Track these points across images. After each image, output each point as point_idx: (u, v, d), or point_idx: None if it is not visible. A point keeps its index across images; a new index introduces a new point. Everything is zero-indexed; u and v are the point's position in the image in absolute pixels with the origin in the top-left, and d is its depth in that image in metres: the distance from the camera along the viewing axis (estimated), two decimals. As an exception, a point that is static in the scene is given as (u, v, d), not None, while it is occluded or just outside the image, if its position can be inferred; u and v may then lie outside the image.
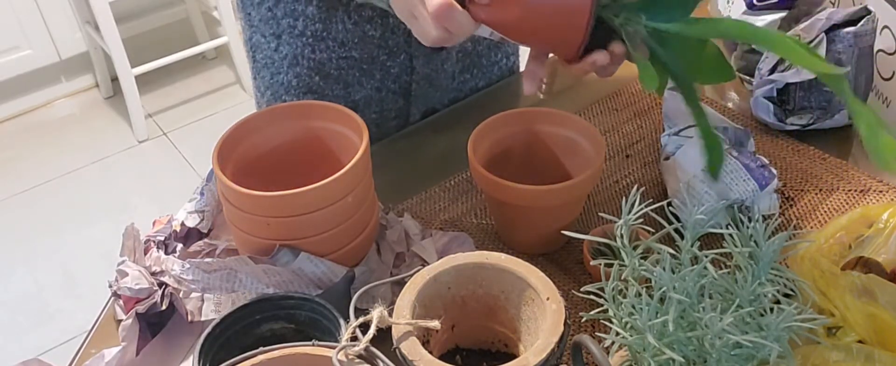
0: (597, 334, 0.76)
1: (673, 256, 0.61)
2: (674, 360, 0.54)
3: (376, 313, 0.62)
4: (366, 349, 0.60)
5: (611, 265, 0.63)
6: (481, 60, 1.09)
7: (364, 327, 0.61)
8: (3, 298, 2.10)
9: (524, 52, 1.15)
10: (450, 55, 1.04)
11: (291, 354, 0.61)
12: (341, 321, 0.67)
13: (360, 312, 0.64)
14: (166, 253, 0.80)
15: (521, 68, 1.17)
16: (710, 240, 0.83)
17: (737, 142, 0.93)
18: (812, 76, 0.94)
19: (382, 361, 0.60)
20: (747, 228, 0.62)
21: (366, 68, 1.01)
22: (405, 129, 1.08)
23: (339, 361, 0.59)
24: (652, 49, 0.69)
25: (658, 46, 0.68)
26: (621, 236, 0.63)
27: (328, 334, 0.69)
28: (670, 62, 0.69)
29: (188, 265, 0.76)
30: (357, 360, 0.60)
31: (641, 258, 0.62)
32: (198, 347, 0.66)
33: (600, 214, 0.79)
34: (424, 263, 0.80)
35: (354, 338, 0.61)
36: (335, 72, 1.01)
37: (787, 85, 0.97)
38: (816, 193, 0.91)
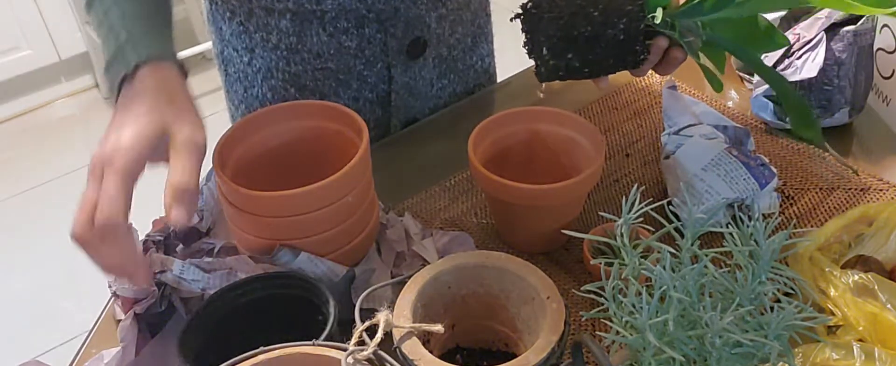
0: (597, 333, 0.76)
1: (673, 254, 0.61)
2: (674, 359, 0.54)
3: (383, 317, 0.62)
4: (374, 353, 0.60)
5: (611, 264, 0.63)
6: (457, 65, 1.08)
7: (370, 331, 0.62)
8: (4, 298, 2.10)
9: (499, 53, 1.16)
10: (427, 62, 1.03)
11: (292, 354, 0.61)
12: (330, 300, 0.67)
13: (364, 312, 0.64)
14: (166, 253, 0.80)
15: (498, 70, 1.17)
16: (710, 239, 0.83)
17: (737, 141, 0.93)
18: (812, 75, 0.94)
19: (390, 364, 0.60)
20: (747, 226, 0.62)
21: (342, 79, 1.00)
22: (403, 130, 1.08)
23: (348, 365, 0.59)
24: (709, 40, 0.74)
25: (714, 35, 0.74)
26: (621, 235, 0.63)
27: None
28: (729, 46, 0.78)
29: (187, 265, 0.76)
30: (366, 364, 0.60)
31: (642, 257, 0.62)
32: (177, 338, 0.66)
33: (600, 213, 0.79)
34: (425, 262, 0.80)
35: (361, 342, 0.61)
36: (311, 83, 0.99)
37: (787, 84, 0.97)
38: (816, 192, 0.91)
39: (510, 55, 0.83)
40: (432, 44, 1.01)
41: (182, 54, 2.60)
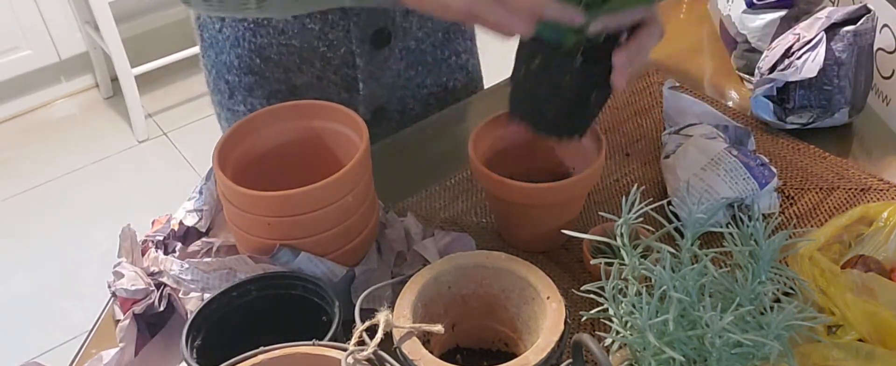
0: (597, 333, 0.76)
1: (673, 254, 0.61)
2: (674, 359, 0.54)
3: (383, 317, 0.62)
4: (374, 353, 0.60)
5: (611, 264, 0.63)
6: (427, 58, 1.08)
7: (370, 331, 0.62)
8: (3, 298, 2.10)
9: (483, 52, 1.15)
10: (393, 52, 1.03)
11: (292, 354, 0.61)
12: (336, 304, 0.68)
13: (364, 312, 0.64)
14: (166, 253, 0.80)
15: (484, 70, 1.16)
16: (710, 238, 0.83)
17: (737, 141, 0.93)
18: (812, 75, 0.94)
19: (391, 364, 0.60)
20: (747, 226, 0.62)
21: (306, 56, 1.00)
22: (404, 130, 1.08)
23: (348, 365, 0.59)
24: None
25: None
26: (621, 235, 0.63)
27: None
28: None
29: (187, 265, 0.76)
30: (366, 364, 0.60)
31: (641, 257, 0.62)
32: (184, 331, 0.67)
33: (600, 212, 0.79)
34: (426, 262, 0.80)
35: (361, 342, 0.61)
36: (275, 56, 1.01)
37: (787, 84, 0.97)
38: (816, 192, 0.91)
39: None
40: (398, 35, 1.01)
41: (182, 54, 2.61)
